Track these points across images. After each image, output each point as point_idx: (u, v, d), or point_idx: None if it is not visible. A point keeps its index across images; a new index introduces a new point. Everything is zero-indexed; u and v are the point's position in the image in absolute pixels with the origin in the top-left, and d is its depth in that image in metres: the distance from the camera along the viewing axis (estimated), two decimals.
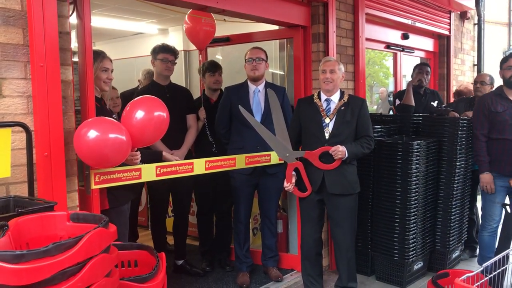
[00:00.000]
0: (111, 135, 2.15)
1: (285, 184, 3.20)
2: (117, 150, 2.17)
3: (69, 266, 1.32)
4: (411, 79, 4.79)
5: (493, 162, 3.62)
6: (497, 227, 3.70)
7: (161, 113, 2.34)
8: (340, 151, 3.06)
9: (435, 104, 4.85)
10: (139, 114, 2.29)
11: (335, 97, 3.24)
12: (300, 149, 3.31)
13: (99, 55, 2.69)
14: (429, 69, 4.78)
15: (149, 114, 2.30)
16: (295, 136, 3.30)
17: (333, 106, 3.22)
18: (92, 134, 2.10)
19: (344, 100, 3.23)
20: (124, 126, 2.25)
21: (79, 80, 2.46)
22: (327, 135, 3.17)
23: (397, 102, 4.72)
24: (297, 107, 3.38)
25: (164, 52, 3.67)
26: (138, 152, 2.58)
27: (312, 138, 3.21)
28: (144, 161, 2.73)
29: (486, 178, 3.65)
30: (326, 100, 3.24)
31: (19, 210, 1.69)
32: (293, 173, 3.19)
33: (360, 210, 3.40)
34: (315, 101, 3.26)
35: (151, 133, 2.34)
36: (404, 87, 5.40)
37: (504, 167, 3.56)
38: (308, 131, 3.26)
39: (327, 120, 3.19)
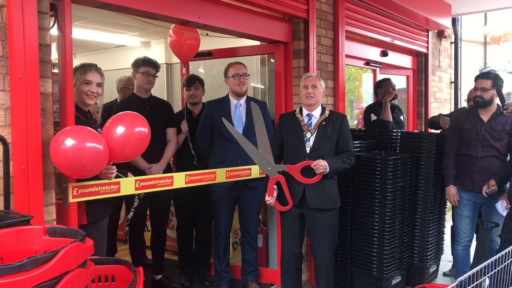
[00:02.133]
0: (88, 144, 2.10)
1: (267, 197, 3.20)
2: (94, 159, 2.12)
3: (44, 281, 1.30)
4: (379, 95, 4.84)
5: (459, 176, 3.74)
6: (470, 241, 3.78)
7: (142, 129, 2.30)
8: (321, 165, 3.09)
9: (402, 118, 4.93)
10: (120, 129, 2.24)
11: (317, 112, 3.29)
12: (282, 163, 3.33)
13: (81, 67, 2.65)
14: (393, 83, 4.87)
15: (130, 130, 2.25)
16: (277, 150, 3.32)
17: (314, 121, 3.26)
18: (69, 142, 2.05)
19: (325, 115, 3.27)
20: (104, 139, 2.21)
21: (59, 92, 2.44)
22: (308, 150, 3.20)
23: (373, 116, 4.75)
24: (279, 122, 3.41)
25: (146, 66, 3.66)
26: (114, 167, 2.48)
27: (294, 152, 3.24)
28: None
29: (450, 190, 3.76)
30: (307, 115, 3.28)
31: None
32: (275, 187, 3.20)
33: (339, 224, 3.41)
34: (296, 115, 3.30)
35: (131, 150, 2.29)
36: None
37: (467, 182, 3.67)
38: (289, 145, 3.28)
39: (308, 135, 3.23)
